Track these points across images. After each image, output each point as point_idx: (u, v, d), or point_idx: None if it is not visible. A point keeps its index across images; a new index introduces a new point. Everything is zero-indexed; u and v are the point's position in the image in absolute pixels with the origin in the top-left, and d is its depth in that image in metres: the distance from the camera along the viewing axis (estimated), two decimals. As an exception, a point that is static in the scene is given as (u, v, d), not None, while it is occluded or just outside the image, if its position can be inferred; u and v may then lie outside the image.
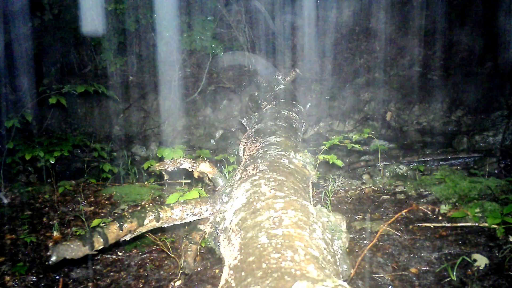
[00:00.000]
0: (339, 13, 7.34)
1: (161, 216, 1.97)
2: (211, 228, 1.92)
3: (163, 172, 2.42)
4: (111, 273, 2.45)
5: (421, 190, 3.13)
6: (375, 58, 7.04)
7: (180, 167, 2.35)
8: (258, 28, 7.21)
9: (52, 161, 3.73)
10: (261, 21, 7.07)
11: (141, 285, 2.31)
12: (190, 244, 2.35)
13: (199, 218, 2.13)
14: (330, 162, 2.78)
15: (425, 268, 2.16)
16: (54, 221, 3.05)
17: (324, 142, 3.13)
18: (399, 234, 2.50)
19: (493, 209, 2.48)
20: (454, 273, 2.04)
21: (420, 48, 6.94)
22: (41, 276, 2.43)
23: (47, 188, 3.70)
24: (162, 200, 3.37)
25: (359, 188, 3.41)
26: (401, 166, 3.84)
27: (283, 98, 4.00)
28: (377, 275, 2.12)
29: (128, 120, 7.11)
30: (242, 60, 7.24)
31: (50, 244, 2.69)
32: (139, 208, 2.01)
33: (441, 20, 6.85)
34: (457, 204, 2.77)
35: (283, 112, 3.49)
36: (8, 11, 6.50)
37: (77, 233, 2.79)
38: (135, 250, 2.70)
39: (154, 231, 2.50)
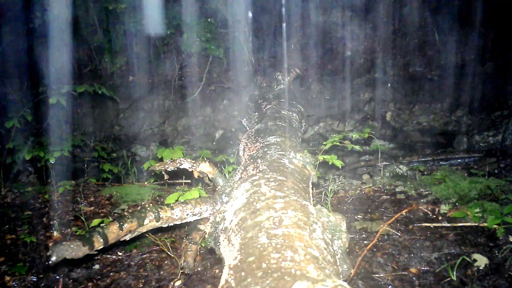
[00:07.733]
0: (339, 13, 7.34)
1: (161, 216, 1.97)
2: (211, 228, 1.92)
3: (163, 172, 2.43)
4: (111, 273, 2.45)
5: (421, 190, 3.13)
6: (375, 58, 7.03)
7: (180, 167, 2.35)
8: (258, 28, 7.21)
9: (52, 161, 3.73)
10: (261, 21, 7.08)
11: (141, 285, 2.31)
12: (190, 244, 2.35)
13: (199, 218, 2.13)
14: (330, 163, 2.78)
15: (425, 268, 2.16)
16: (54, 221, 3.05)
17: (324, 142, 3.13)
18: (399, 234, 2.50)
19: (493, 209, 2.49)
20: (454, 273, 2.04)
21: (420, 48, 6.94)
22: (41, 276, 2.42)
23: (47, 188, 3.70)
24: (162, 200, 3.36)
25: (359, 188, 3.40)
26: (401, 166, 3.83)
27: (283, 98, 4.00)
28: (377, 275, 2.12)
29: (128, 120, 7.11)
30: (242, 60, 7.24)
31: (50, 244, 2.69)
32: (139, 208, 2.01)
33: (441, 21, 6.85)
34: (457, 204, 2.77)
35: (283, 112, 3.49)
36: (9, 11, 6.50)
37: (77, 233, 2.79)
38: (135, 250, 2.70)
39: (154, 231, 2.50)
